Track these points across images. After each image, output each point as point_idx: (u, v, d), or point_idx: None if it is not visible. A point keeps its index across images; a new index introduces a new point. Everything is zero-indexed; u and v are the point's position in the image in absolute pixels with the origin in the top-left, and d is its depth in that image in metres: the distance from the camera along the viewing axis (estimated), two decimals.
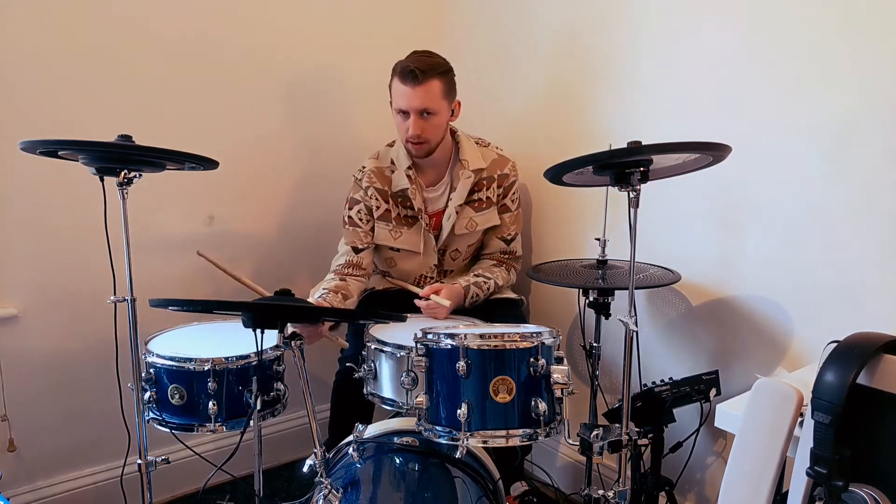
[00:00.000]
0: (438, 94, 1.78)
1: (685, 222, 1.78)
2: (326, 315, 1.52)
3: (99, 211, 1.43)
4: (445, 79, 1.80)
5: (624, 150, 1.22)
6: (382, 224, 1.93)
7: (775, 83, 1.55)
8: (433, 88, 1.76)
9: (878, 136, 1.39)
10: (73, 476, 1.95)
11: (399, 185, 1.90)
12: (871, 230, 1.42)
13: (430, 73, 1.75)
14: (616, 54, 1.89)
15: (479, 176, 1.93)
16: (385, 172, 1.92)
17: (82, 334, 1.89)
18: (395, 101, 1.80)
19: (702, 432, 1.74)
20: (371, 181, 1.91)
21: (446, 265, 2.02)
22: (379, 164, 1.93)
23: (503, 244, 2.02)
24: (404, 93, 1.76)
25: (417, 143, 1.81)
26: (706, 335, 1.78)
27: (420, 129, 1.78)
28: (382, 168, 1.93)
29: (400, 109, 1.79)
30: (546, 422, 1.23)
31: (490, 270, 1.97)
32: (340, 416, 1.90)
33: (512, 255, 2.04)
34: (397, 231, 1.93)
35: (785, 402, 0.97)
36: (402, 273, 2.01)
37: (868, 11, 1.38)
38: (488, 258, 2.05)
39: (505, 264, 2.03)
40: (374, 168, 1.92)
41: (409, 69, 1.73)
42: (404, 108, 1.78)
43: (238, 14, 2.02)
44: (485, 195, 1.94)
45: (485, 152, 1.97)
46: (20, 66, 1.70)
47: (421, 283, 1.99)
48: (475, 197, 1.94)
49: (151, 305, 1.27)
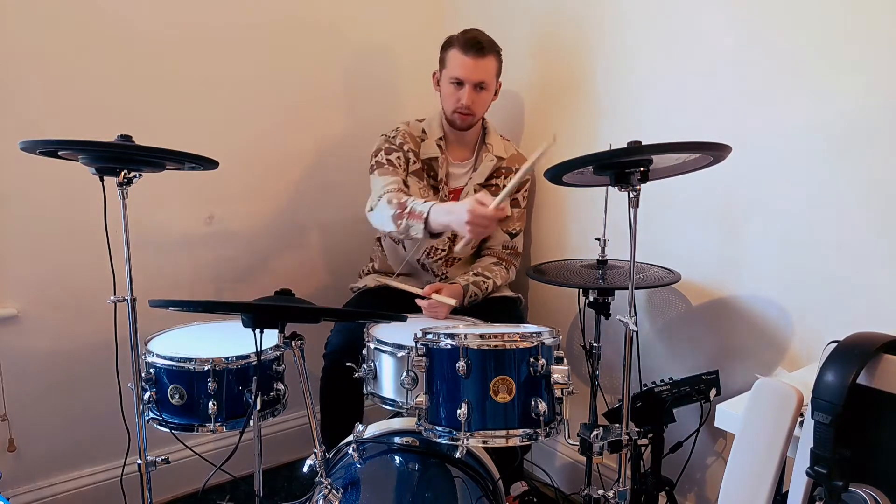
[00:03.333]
0: (493, 70, 1.90)
1: (685, 222, 1.78)
2: (326, 315, 1.52)
3: (99, 211, 1.43)
4: (499, 58, 1.92)
5: (624, 149, 1.21)
6: (415, 179, 1.96)
7: (775, 83, 1.55)
8: (491, 64, 1.88)
9: (878, 136, 1.39)
10: (73, 476, 1.95)
11: (428, 152, 1.96)
12: (872, 230, 1.42)
13: (490, 50, 1.87)
14: (616, 53, 1.90)
15: (500, 164, 2.01)
16: (416, 139, 1.98)
17: (82, 334, 1.89)
18: (452, 70, 1.87)
19: (702, 432, 1.74)
20: (405, 139, 1.96)
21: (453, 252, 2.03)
22: (410, 130, 1.99)
23: (507, 237, 2.05)
24: (465, 63, 1.84)
25: (465, 114, 1.90)
26: (706, 335, 1.78)
27: (472, 101, 1.87)
28: (413, 134, 1.99)
29: (456, 78, 1.86)
30: (546, 422, 1.23)
31: (489, 269, 1.98)
32: (331, 414, 1.88)
33: (513, 250, 2.06)
34: (425, 192, 1.96)
35: (785, 402, 0.97)
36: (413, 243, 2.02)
37: (868, 11, 1.38)
38: (489, 254, 2.06)
39: (505, 262, 2.04)
40: (406, 131, 1.98)
41: (475, 40, 1.83)
42: (461, 77, 1.85)
43: (238, 14, 2.02)
44: (502, 183, 2.00)
45: (507, 145, 2.07)
46: (20, 66, 1.70)
47: (431, 256, 2.02)
48: (493, 182, 2.01)
49: (151, 306, 1.27)
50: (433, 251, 2.02)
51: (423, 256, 2.02)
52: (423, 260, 2.04)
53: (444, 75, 1.92)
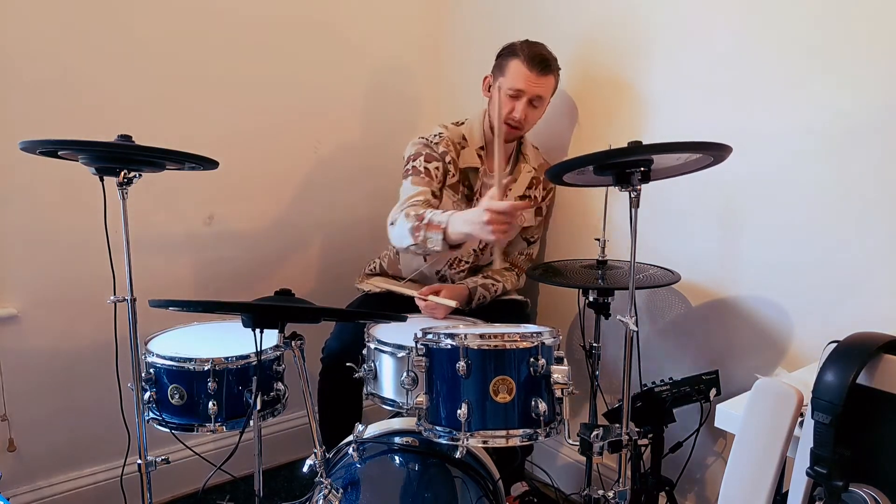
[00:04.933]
0: (551, 88, 1.89)
1: (685, 222, 1.78)
2: (326, 315, 1.52)
3: (99, 211, 1.43)
4: (557, 77, 1.89)
5: (624, 149, 1.21)
6: (450, 192, 1.91)
7: (776, 83, 1.55)
8: (550, 82, 1.87)
9: (878, 136, 1.39)
10: (73, 476, 1.95)
11: (468, 161, 1.92)
12: (872, 230, 1.42)
13: (553, 67, 1.86)
14: (616, 53, 1.90)
15: (535, 174, 1.99)
16: (457, 145, 1.93)
17: (82, 334, 1.89)
18: (512, 80, 1.82)
19: (702, 432, 1.74)
20: (448, 148, 1.89)
21: (482, 260, 2.03)
22: (451, 137, 1.92)
23: (524, 244, 2.05)
24: (528, 77, 1.81)
25: (515, 127, 1.86)
26: (706, 335, 1.78)
27: (525, 115, 1.84)
28: (454, 140, 1.92)
29: (516, 90, 1.82)
30: (546, 422, 1.22)
31: (500, 274, 1.98)
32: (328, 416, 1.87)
33: (528, 257, 2.08)
34: (459, 206, 1.90)
35: (785, 402, 0.97)
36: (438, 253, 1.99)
37: (869, 11, 1.38)
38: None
39: (518, 268, 2.05)
40: (450, 138, 1.91)
41: (541, 56, 1.81)
42: (522, 88, 1.82)
43: (238, 13, 2.02)
44: (533, 193, 2.00)
45: (536, 154, 2.04)
46: (20, 65, 1.70)
47: (454, 267, 1.99)
48: (527, 193, 1.99)
49: (151, 306, 1.27)
50: (456, 262, 1.99)
51: (445, 267, 1.99)
52: (445, 271, 2.00)
53: (501, 83, 1.85)
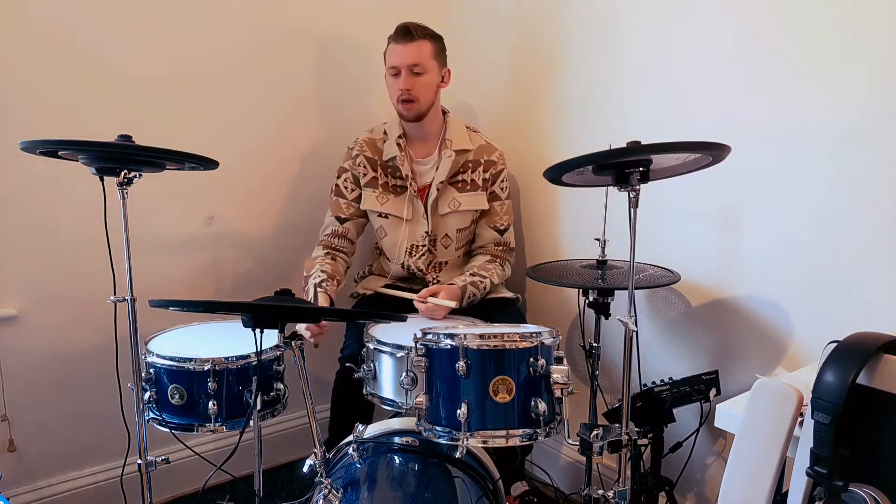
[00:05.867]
0: (429, 53, 1.87)
1: (685, 222, 1.78)
2: (327, 315, 1.52)
3: (99, 211, 1.43)
4: (436, 42, 1.90)
5: (623, 149, 1.21)
6: (369, 190, 1.98)
7: (775, 83, 1.55)
8: (424, 47, 1.86)
9: (878, 136, 1.39)
10: (73, 476, 1.95)
11: (389, 153, 1.96)
12: (872, 230, 1.42)
13: (422, 34, 1.86)
14: (616, 53, 1.90)
15: (464, 157, 1.98)
16: (377, 144, 2.00)
17: (82, 334, 1.89)
18: (389, 60, 1.89)
19: (702, 432, 1.74)
20: (361, 150, 1.98)
21: (439, 255, 2.02)
22: (372, 136, 2.01)
23: (497, 234, 2.04)
24: (395, 50, 1.86)
25: (408, 101, 1.87)
26: (706, 335, 1.78)
27: (410, 85, 1.85)
28: (375, 139, 2.00)
29: (392, 67, 1.87)
30: (546, 422, 1.23)
31: (485, 268, 1.96)
32: (340, 416, 1.90)
33: (506, 246, 2.05)
34: (384, 197, 1.98)
35: (785, 402, 0.97)
36: (391, 243, 2.01)
37: (869, 10, 1.38)
38: (481, 252, 2.05)
39: (499, 259, 2.03)
40: (367, 139, 2.00)
41: (402, 27, 1.86)
42: (396, 64, 1.85)
43: (238, 13, 2.02)
44: (469, 177, 1.99)
45: (473, 136, 2.03)
46: (20, 65, 1.70)
47: (413, 254, 1.99)
48: (459, 178, 1.98)
49: (151, 306, 1.27)
50: (414, 249, 1.99)
51: (406, 257, 1.99)
52: (407, 262, 2.00)
53: (386, 73, 1.91)
